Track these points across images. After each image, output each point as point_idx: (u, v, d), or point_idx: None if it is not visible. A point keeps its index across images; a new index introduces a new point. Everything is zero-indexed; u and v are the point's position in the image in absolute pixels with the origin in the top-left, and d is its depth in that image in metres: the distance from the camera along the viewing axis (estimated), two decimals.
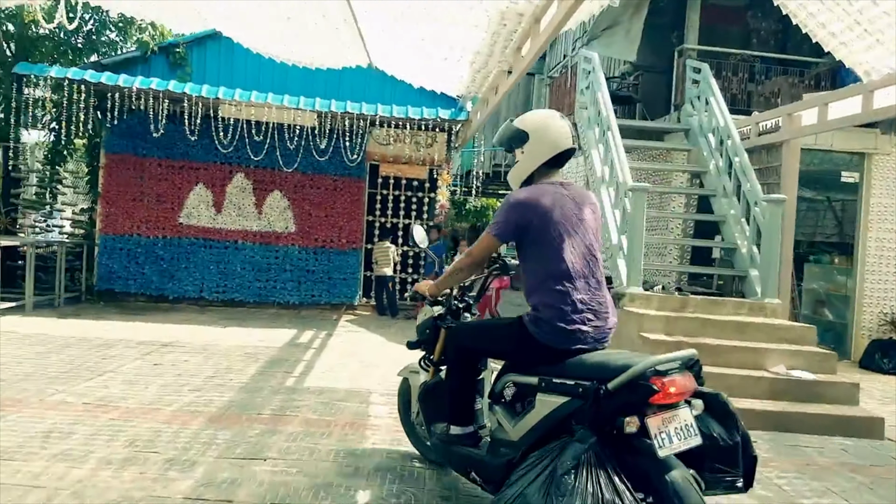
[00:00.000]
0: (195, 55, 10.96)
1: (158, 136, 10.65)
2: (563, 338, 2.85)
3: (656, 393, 2.46)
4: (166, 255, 10.88)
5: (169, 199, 10.87)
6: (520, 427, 2.89)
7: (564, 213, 2.96)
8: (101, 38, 11.73)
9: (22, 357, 6.31)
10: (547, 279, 2.90)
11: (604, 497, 2.34)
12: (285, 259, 11.05)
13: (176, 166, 10.86)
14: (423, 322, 3.78)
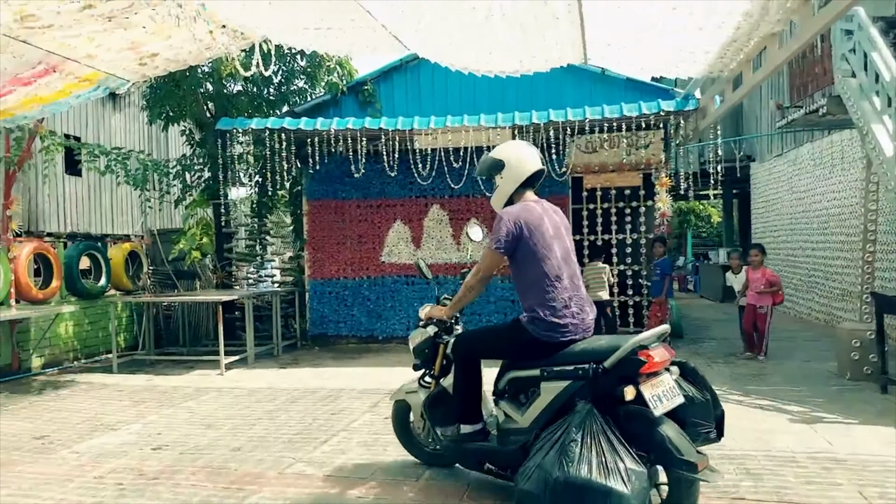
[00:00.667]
0: (382, 90, 10.78)
1: (355, 177, 10.58)
2: (558, 331, 3.35)
3: (644, 364, 3.03)
4: (372, 295, 10.68)
5: (370, 238, 10.69)
6: (528, 414, 3.40)
7: (547, 225, 3.50)
8: (291, 88, 11.98)
9: (253, 417, 6.07)
10: (539, 282, 3.40)
11: (606, 458, 2.80)
12: (488, 291, 10.37)
13: (374, 205, 10.68)
14: (420, 343, 4.18)
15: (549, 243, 3.48)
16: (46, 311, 8.39)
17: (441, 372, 4.11)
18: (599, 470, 2.80)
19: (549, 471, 2.87)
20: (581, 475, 2.79)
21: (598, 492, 2.76)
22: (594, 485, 2.77)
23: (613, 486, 2.76)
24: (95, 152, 9.24)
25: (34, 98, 7.43)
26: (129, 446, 5.19)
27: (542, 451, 2.99)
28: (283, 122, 8.71)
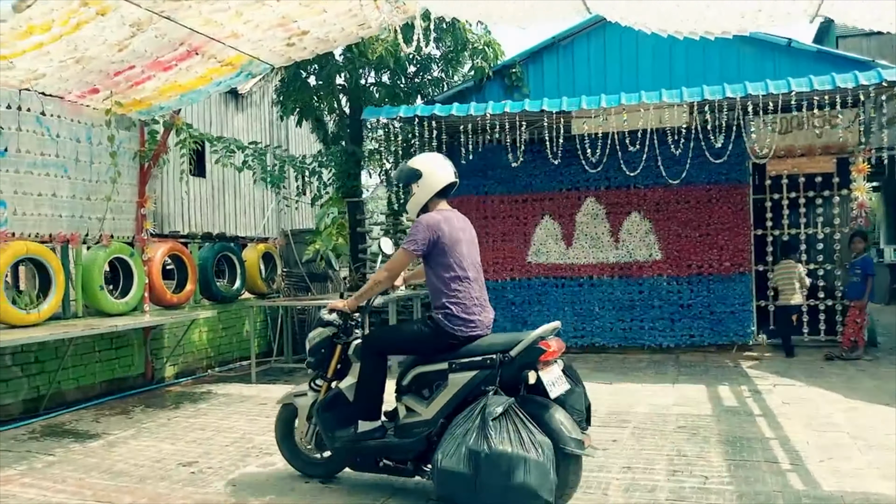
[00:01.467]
0: (531, 73, 9.75)
1: (499, 170, 9.64)
2: (468, 326, 3.72)
3: (545, 352, 3.47)
4: (517, 298, 9.68)
5: (515, 236, 9.70)
6: (433, 406, 3.69)
7: (461, 232, 3.89)
8: (425, 79, 11.19)
9: None
10: (452, 282, 3.76)
11: (521, 433, 3.26)
12: (652, 293, 9.13)
13: (519, 200, 9.68)
14: (317, 343, 4.16)
15: (462, 248, 3.83)
16: (182, 316, 7.92)
17: (335, 375, 4.14)
18: (517, 442, 3.22)
19: (475, 448, 3.25)
20: (503, 448, 3.20)
21: (519, 459, 3.19)
22: (515, 455, 3.20)
23: (529, 454, 3.20)
24: (232, 147, 8.74)
25: (173, 85, 6.89)
26: (292, 479, 4.40)
27: (460, 431, 3.36)
28: (434, 109, 7.85)
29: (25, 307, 6.35)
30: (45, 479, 4.55)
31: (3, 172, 6.17)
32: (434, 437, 3.60)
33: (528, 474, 3.17)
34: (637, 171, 8.18)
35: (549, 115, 7.79)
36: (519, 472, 3.17)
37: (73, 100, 6.75)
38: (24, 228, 6.37)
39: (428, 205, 3.94)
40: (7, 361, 6.28)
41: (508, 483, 3.18)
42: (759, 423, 5.41)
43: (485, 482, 3.23)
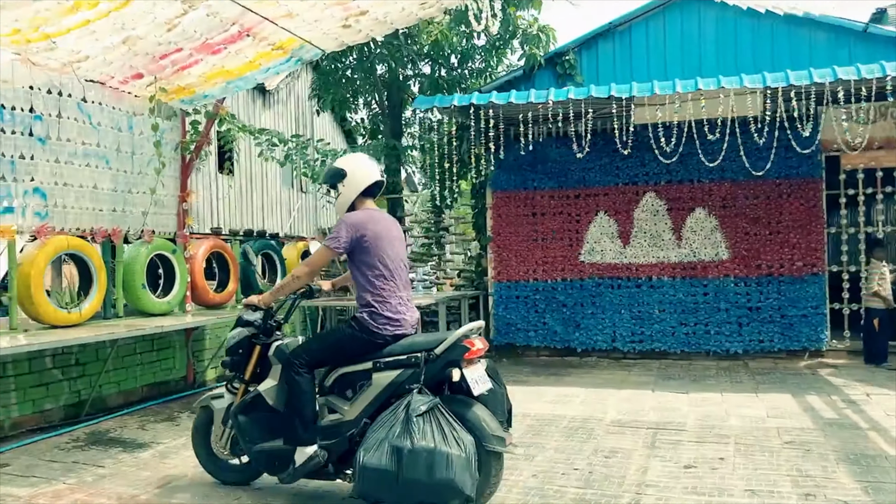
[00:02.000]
0: (584, 61, 9.25)
1: (549, 164, 9.17)
2: (393, 325, 3.73)
3: (469, 350, 3.49)
4: (568, 300, 9.17)
5: (566, 234, 9.20)
6: (356, 406, 3.66)
7: (385, 230, 3.85)
8: (464, 71, 10.75)
9: None
10: (377, 280, 3.75)
11: (444, 430, 3.29)
12: (718, 295, 8.60)
13: (571, 196, 9.18)
14: (235, 343, 4.06)
15: (386, 247, 3.81)
16: (226, 316, 7.48)
17: (253, 378, 4.03)
18: (440, 439, 3.26)
19: (397, 444, 3.26)
20: (426, 444, 3.23)
21: (442, 455, 3.21)
22: (438, 451, 3.22)
23: (452, 450, 3.23)
24: (274, 140, 8.32)
25: (220, 71, 6.46)
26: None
27: (384, 428, 3.37)
28: (491, 97, 7.37)
29: (66, 306, 5.95)
30: (98, 495, 4.12)
31: (43, 162, 5.77)
32: (357, 438, 3.59)
33: (450, 470, 3.21)
34: (716, 161, 7.57)
35: (613, 104, 7.26)
36: (441, 467, 3.21)
37: (114, 86, 6.35)
38: (65, 223, 5.97)
39: (355, 204, 3.92)
40: (47, 364, 5.89)
41: (431, 479, 3.21)
42: (874, 439, 4.89)
43: (407, 478, 3.25)
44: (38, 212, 5.72)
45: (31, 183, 5.68)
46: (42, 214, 5.76)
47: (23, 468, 4.74)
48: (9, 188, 5.48)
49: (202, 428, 4.28)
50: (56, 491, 4.24)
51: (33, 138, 5.66)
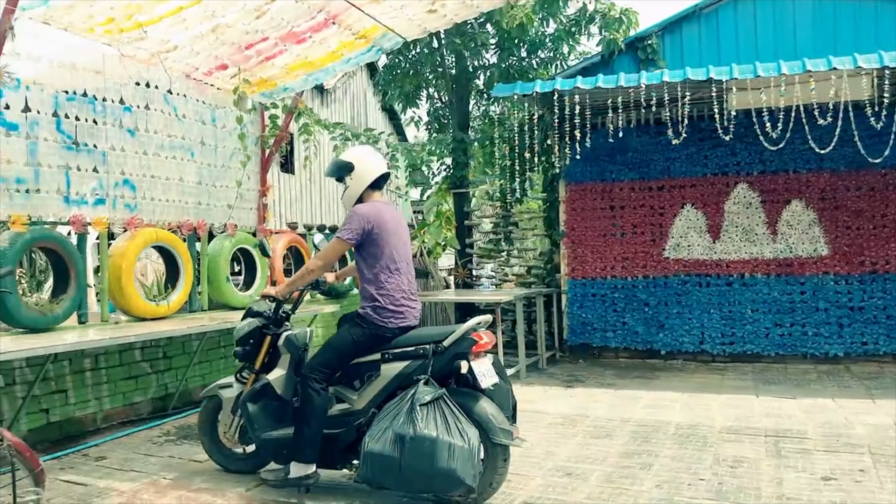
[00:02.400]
0: (667, 46, 8.85)
1: (630, 154, 8.79)
2: (398, 318, 3.77)
3: (477, 343, 3.57)
4: (651, 298, 8.78)
5: (648, 228, 8.81)
6: (364, 396, 3.74)
7: (394, 224, 3.90)
8: (531, 62, 10.44)
9: (615, 462, 4.43)
10: (382, 273, 3.78)
11: (448, 420, 3.34)
12: (816, 294, 8.10)
13: (654, 187, 8.79)
14: (246, 333, 4.11)
15: (394, 241, 3.84)
16: (305, 310, 7.34)
17: (262, 367, 4.08)
18: (443, 429, 3.31)
19: (401, 431, 3.33)
20: (429, 432, 3.29)
21: (444, 445, 3.26)
22: (441, 440, 3.27)
23: (455, 441, 3.28)
24: (347, 135, 8.17)
25: (303, 62, 6.29)
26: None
27: (389, 417, 3.45)
28: (577, 82, 7.03)
29: (154, 299, 5.89)
30: (200, 491, 4.00)
31: (132, 153, 5.72)
32: (364, 427, 3.62)
33: (451, 460, 3.24)
34: (827, 148, 7.02)
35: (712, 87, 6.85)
36: (443, 457, 3.25)
37: (199, 78, 6.28)
38: (153, 215, 5.92)
39: (363, 196, 3.95)
40: (136, 357, 5.83)
41: (432, 468, 3.25)
42: None
43: (409, 465, 3.30)
44: (127, 204, 5.68)
45: (121, 175, 5.63)
46: (132, 206, 5.71)
47: (120, 461, 4.68)
48: (100, 180, 5.45)
49: (208, 417, 4.36)
50: (157, 486, 4.14)
51: (123, 129, 5.62)
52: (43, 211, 5.01)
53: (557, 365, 8.54)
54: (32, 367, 5.00)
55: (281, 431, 3.89)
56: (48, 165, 5.02)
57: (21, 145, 4.82)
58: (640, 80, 6.93)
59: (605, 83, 7.02)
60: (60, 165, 5.11)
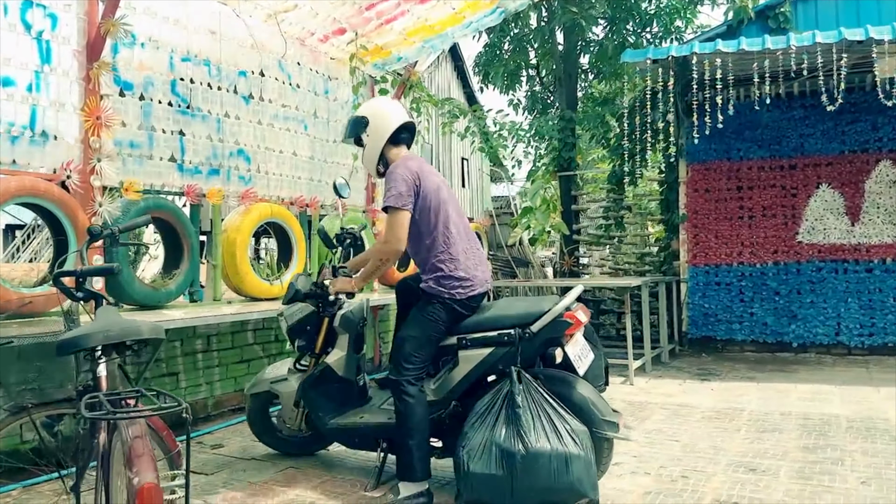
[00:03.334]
0: (801, 14, 8.07)
1: (759, 130, 8.05)
2: (466, 285, 3.24)
3: (571, 325, 3.11)
4: (782, 286, 8.00)
5: (779, 211, 8.04)
6: (442, 385, 3.29)
7: (439, 178, 3.41)
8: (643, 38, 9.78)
9: (796, 458, 3.82)
10: (441, 235, 3.25)
11: (555, 424, 2.87)
12: None
13: (786, 166, 8.02)
14: (301, 320, 3.72)
15: (446, 197, 3.36)
16: None
17: (321, 350, 3.73)
18: (555, 438, 2.84)
19: (507, 448, 2.84)
20: (541, 446, 2.81)
21: (559, 458, 2.80)
22: (555, 453, 2.80)
23: (570, 450, 2.81)
24: (455, 112, 7.75)
25: (422, 26, 5.85)
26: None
27: (484, 425, 2.96)
28: (717, 44, 6.36)
29: (268, 277, 5.57)
30: (336, 481, 3.60)
31: (247, 122, 5.41)
32: (445, 421, 3.31)
33: (569, 473, 2.83)
34: None
35: (879, 43, 6.06)
36: (560, 471, 2.83)
37: (313, 44, 5.94)
38: (267, 190, 5.60)
39: (384, 154, 3.42)
40: (248, 339, 5.54)
41: (548, 484, 2.82)
42: None
43: (523, 485, 2.84)
44: (241, 176, 5.37)
45: (235, 145, 5.33)
46: (245, 179, 5.40)
47: (239, 450, 4.34)
48: (214, 149, 5.14)
49: (258, 415, 4.07)
50: (287, 476, 3.77)
51: (238, 96, 5.31)
52: (156, 179, 4.72)
53: (680, 359, 7.87)
54: None
55: (349, 418, 3.58)
56: (162, 130, 4.74)
57: (135, 106, 4.55)
58: (790, 42, 6.20)
59: (749, 45, 6.32)
60: (174, 131, 4.83)
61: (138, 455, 1.56)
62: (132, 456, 1.56)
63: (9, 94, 3.85)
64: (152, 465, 1.57)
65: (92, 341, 1.91)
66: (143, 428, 1.70)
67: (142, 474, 1.53)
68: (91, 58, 4.19)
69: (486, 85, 10.02)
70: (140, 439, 1.61)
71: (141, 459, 1.56)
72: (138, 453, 1.56)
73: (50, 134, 4.05)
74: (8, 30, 3.84)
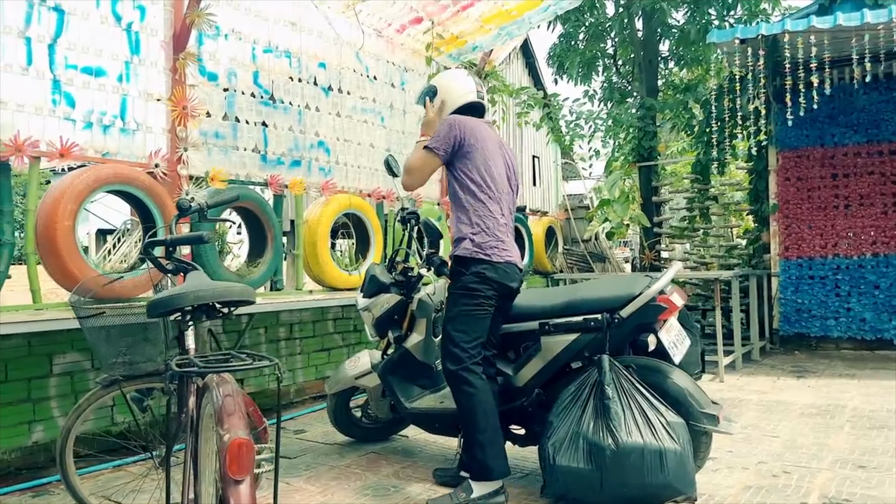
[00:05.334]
0: None
1: (855, 115, 7.56)
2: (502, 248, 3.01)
3: (665, 310, 2.91)
4: (882, 280, 7.47)
5: (879, 199, 7.52)
6: (525, 372, 3.13)
7: (493, 141, 3.15)
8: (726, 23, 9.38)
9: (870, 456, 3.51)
10: (482, 193, 3.02)
11: (648, 416, 2.68)
12: None
13: (885, 151, 7.49)
14: (389, 311, 3.60)
15: (493, 158, 3.11)
16: None
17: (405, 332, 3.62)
18: (648, 431, 2.66)
19: (596, 442, 2.68)
20: (633, 441, 2.64)
21: (653, 454, 2.62)
22: (648, 448, 2.63)
23: (665, 444, 2.65)
24: (530, 101, 7.61)
25: (499, 12, 5.73)
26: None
27: (571, 417, 2.80)
28: (812, 21, 5.99)
29: (346, 268, 5.60)
30: (411, 467, 3.54)
31: (326, 114, 5.45)
32: (528, 409, 3.16)
33: (666, 469, 2.63)
34: None
35: None
36: (656, 467, 2.63)
37: (390, 35, 5.94)
38: (346, 181, 5.63)
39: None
40: (329, 328, 5.58)
41: (642, 481, 2.63)
42: None
43: (613, 481, 2.66)
44: (322, 167, 5.42)
45: (316, 137, 5.38)
46: (325, 170, 5.45)
47: (321, 434, 4.38)
48: (296, 140, 5.21)
49: (341, 411, 4.07)
50: (369, 460, 3.75)
51: (318, 87, 5.36)
52: (241, 169, 4.81)
53: (771, 356, 7.47)
54: (228, 334, 4.84)
55: (428, 402, 3.50)
56: (245, 121, 4.82)
57: (219, 97, 4.65)
58: (893, 15, 5.77)
59: (846, 21, 5.93)
60: (257, 122, 4.91)
61: (229, 413, 1.53)
62: (223, 414, 1.53)
63: (100, 85, 3.99)
64: (244, 422, 1.54)
65: (184, 301, 1.91)
66: (233, 387, 1.68)
67: (233, 430, 1.50)
68: (177, 48, 4.30)
69: (560, 76, 9.83)
70: (231, 397, 1.59)
71: (232, 417, 1.53)
72: (229, 411, 1.54)
73: (139, 123, 4.17)
74: (100, 22, 3.98)
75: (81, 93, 3.94)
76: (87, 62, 3.96)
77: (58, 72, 3.85)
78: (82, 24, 3.93)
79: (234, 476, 1.42)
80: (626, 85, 9.61)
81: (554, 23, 9.44)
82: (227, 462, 1.42)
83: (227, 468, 1.42)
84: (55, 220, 3.71)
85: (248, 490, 1.42)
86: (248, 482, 1.42)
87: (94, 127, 3.99)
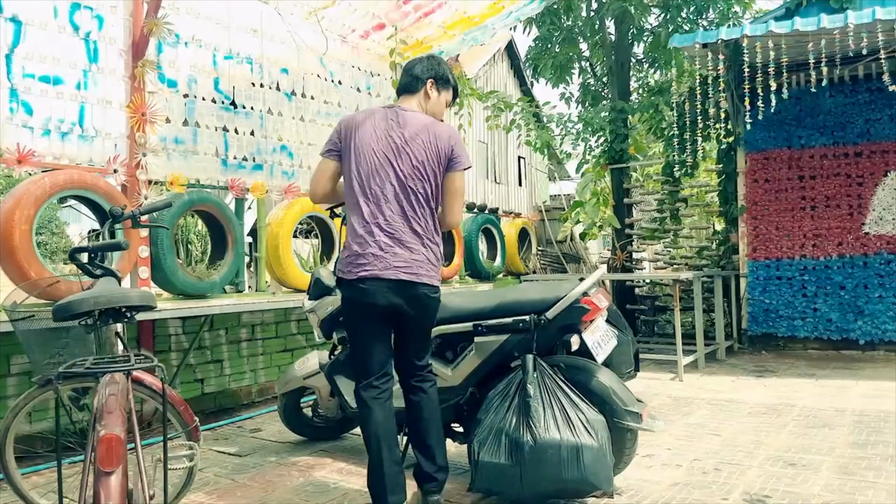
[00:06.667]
0: None
1: (821, 116, 7.68)
2: (359, 262, 2.67)
3: (588, 311, 3.03)
4: (848, 281, 7.59)
5: (845, 200, 7.64)
6: (459, 371, 3.26)
7: (375, 127, 2.72)
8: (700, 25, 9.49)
9: (803, 454, 3.62)
10: (350, 198, 2.74)
11: (568, 413, 2.77)
12: None
13: (851, 153, 7.61)
14: (328, 315, 3.65)
15: (367, 146, 2.70)
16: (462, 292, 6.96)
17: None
18: (566, 428, 2.76)
19: (516, 438, 2.78)
20: (550, 437, 2.74)
21: (570, 450, 2.72)
22: (565, 444, 2.73)
23: (582, 440, 2.73)
24: (500, 105, 7.72)
25: (461, 18, 5.85)
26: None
27: (496, 414, 2.90)
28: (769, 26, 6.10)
29: (310, 269, 5.69)
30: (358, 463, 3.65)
31: (289, 119, 5.55)
32: (463, 408, 3.29)
33: (580, 466, 2.72)
34: None
35: None
36: (572, 463, 2.73)
37: (355, 41, 6.04)
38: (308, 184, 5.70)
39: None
40: (292, 329, 5.67)
41: (560, 475, 2.74)
42: None
43: (532, 476, 2.76)
44: (285, 171, 5.51)
45: (278, 141, 5.47)
46: (289, 174, 5.54)
47: (275, 433, 4.48)
48: (258, 144, 5.30)
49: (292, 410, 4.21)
50: (317, 458, 3.86)
51: (281, 92, 5.45)
52: (201, 173, 4.90)
53: (737, 356, 7.60)
54: (188, 334, 4.93)
55: None
56: (206, 126, 4.91)
57: (179, 103, 4.74)
58: (848, 20, 5.90)
59: (803, 26, 6.05)
60: (218, 127, 5.00)
61: (109, 411, 1.64)
62: (103, 411, 1.64)
63: (59, 93, 4.08)
64: (121, 420, 1.64)
65: (84, 306, 2.01)
66: (120, 387, 1.78)
67: (108, 427, 1.60)
68: (136, 56, 4.40)
69: (536, 79, 9.93)
70: (114, 396, 1.69)
71: (112, 415, 1.63)
72: (110, 409, 1.64)
73: (98, 130, 4.26)
74: (58, 31, 4.07)
75: (39, 101, 4.03)
76: (44, 71, 4.05)
77: (15, 81, 3.93)
78: (40, 33, 4.02)
79: (104, 468, 1.52)
80: (601, 87, 9.70)
81: (529, 26, 9.53)
82: (99, 455, 1.52)
83: (98, 461, 1.52)
84: (13, 225, 3.79)
85: (117, 482, 1.52)
86: (118, 474, 1.52)
87: (52, 134, 4.07)
